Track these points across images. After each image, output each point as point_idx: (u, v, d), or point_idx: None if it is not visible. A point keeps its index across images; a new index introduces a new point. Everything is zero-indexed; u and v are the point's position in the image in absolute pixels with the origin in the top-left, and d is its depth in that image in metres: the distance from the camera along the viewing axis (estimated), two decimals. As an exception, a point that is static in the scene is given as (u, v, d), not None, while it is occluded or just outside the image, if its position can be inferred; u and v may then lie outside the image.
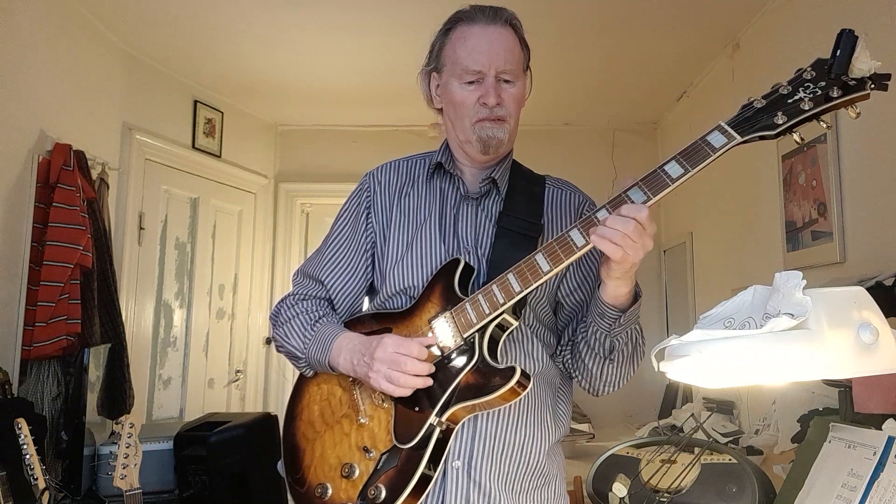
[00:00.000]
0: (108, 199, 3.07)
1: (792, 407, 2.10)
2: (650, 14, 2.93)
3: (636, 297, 1.16)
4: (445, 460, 1.15)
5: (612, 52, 3.35)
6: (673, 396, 3.49)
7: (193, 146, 3.82)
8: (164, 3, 2.89)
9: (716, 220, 3.49)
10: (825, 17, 2.30)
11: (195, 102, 3.84)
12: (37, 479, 1.74)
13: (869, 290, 0.88)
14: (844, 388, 1.33)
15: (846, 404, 1.32)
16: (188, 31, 3.16)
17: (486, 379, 1.11)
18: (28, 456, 1.76)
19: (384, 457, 1.15)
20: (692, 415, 2.75)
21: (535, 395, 1.24)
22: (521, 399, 1.17)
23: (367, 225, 1.33)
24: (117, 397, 2.87)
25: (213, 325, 3.96)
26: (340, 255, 1.34)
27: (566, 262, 1.07)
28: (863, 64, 0.93)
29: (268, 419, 2.95)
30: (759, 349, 0.84)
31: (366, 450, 1.17)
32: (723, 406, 2.68)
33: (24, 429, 1.77)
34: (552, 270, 1.07)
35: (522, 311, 1.21)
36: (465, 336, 1.14)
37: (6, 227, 2.46)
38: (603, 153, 4.33)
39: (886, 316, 0.86)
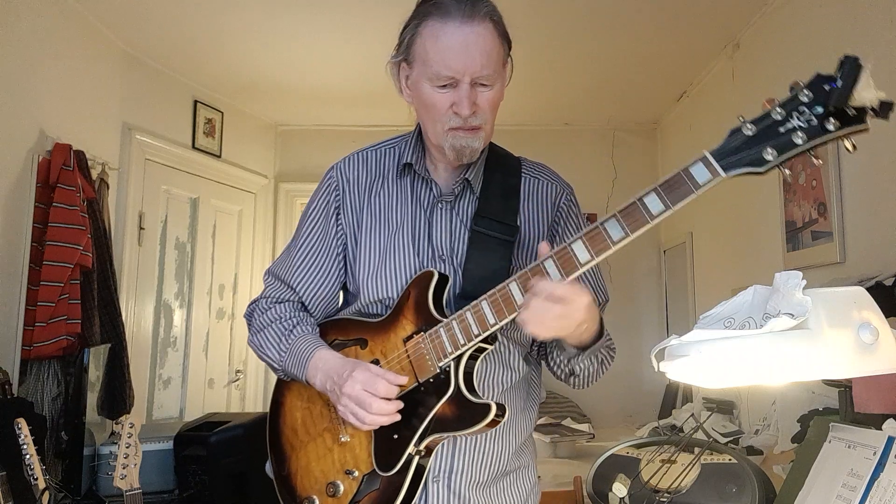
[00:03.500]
0: (108, 199, 3.07)
1: (792, 407, 2.10)
2: (650, 14, 2.93)
3: (599, 332, 1.13)
4: (426, 475, 1.16)
5: (613, 52, 3.35)
6: (673, 396, 3.49)
7: (193, 146, 3.82)
8: (164, 4, 2.89)
9: (716, 220, 3.49)
10: (825, 17, 2.30)
11: (195, 102, 3.84)
12: (37, 479, 1.74)
13: (869, 290, 0.88)
14: (844, 388, 1.33)
15: (846, 404, 1.31)
16: (188, 31, 3.16)
17: (461, 412, 1.09)
18: (28, 456, 1.75)
19: (366, 478, 1.16)
20: (692, 415, 2.75)
21: (512, 406, 1.23)
22: None
23: (337, 227, 1.29)
24: (117, 397, 2.87)
25: (213, 325, 3.96)
26: (311, 260, 1.30)
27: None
28: (866, 94, 0.83)
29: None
30: (759, 349, 0.84)
31: (348, 472, 1.19)
32: (723, 406, 2.68)
33: (24, 429, 1.77)
34: None
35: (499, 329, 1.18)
36: (440, 365, 1.11)
37: (6, 227, 2.46)
38: (603, 153, 4.33)
39: (886, 316, 0.86)
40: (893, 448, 1.03)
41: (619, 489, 1.72)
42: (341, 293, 1.36)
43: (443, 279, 1.16)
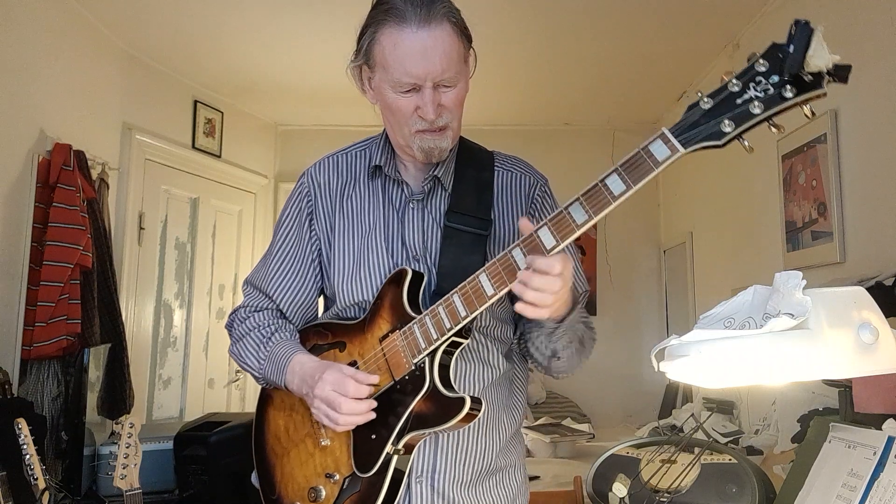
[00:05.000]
0: (108, 199, 3.07)
1: (792, 407, 2.10)
2: (650, 14, 2.93)
3: (574, 303, 1.13)
4: (409, 475, 1.15)
5: (612, 52, 3.35)
6: (673, 396, 3.49)
7: (193, 146, 3.82)
8: (164, 4, 2.89)
9: (716, 220, 3.49)
10: (825, 18, 2.30)
11: (195, 102, 3.84)
12: (37, 479, 1.74)
13: (869, 290, 0.87)
14: (844, 388, 1.33)
15: (846, 404, 1.32)
16: (188, 31, 3.16)
17: (437, 407, 1.09)
18: (28, 456, 1.76)
19: (347, 480, 1.16)
20: (692, 415, 2.75)
21: (492, 401, 1.23)
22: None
23: (310, 233, 1.29)
24: (117, 397, 2.87)
25: (213, 325, 3.96)
26: (286, 268, 1.29)
27: (510, 286, 1.02)
28: (819, 59, 0.82)
29: (268, 419, 2.95)
30: (759, 349, 0.84)
31: (329, 475, 1.18)
32: (723, 406, 2.68)
33: (24, 429, 1.77)
34: (496, 294, 1.04)
35: (473, 324, 1.17)
36: (415, 362, 1.11)
37: (6, 227, 2.46)
38: (603, 153, 4.33)
39: (886, 316, 0.86)
40: (893, 448, 1.03)
41: (619, 489, 1.72)
42: (321, 300, 1.36)
43: (417, 277, 1.17)
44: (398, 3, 1.10)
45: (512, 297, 1.26)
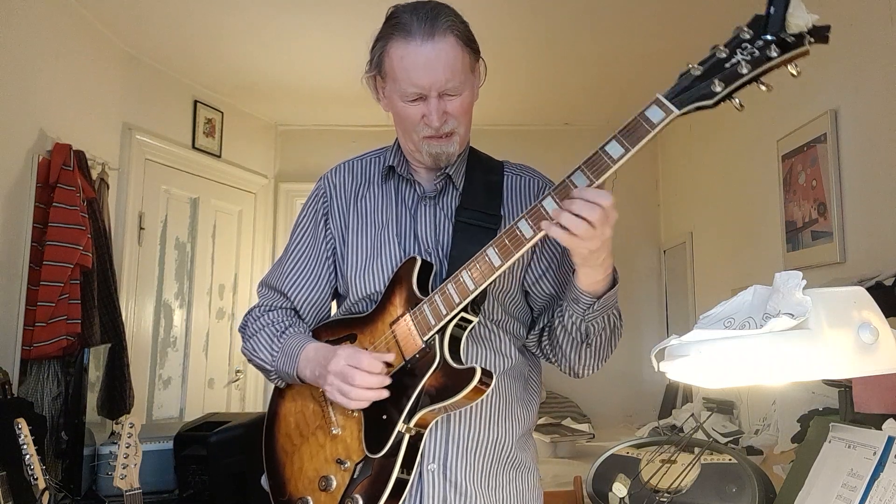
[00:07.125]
0: (108, 199, 3.07)
1: (792, 407, 2.10)
2: (650, 14, 2.93)
3: (614, 282, 1.17)
4: (420, 463, 1.16)
5: (613, 52, 3.35)
6: (673, 396, 3.49)
7: (193, 146, 3.82)
8: (164, 4, 2.89)
9: (716, 220, 3.49)
10: (825, 17, 2.29)
11: (195, 102, 3.84)
12: (37, 479, 1.74)
13: (869, 290, 0.87)
14: (844, 388, 1.33)
15: (846, 404, 1.32)
16: (188, 31, 3.16)
17: (448, 381, 1.11)
18: (28, 456, 1.75)
19: (358, 466, 1.16)
20: (692, 415, 2.75)
21: (505, 391, 1.25)
22: (491, 396, 1.19)
23: (326, 232, 1.34)
24: (117, 397, 2.87)
25: (213, 325, 3.96)
26: (302, 266, 1.34)
27: (517, 255, 1.07)
28: (798, 19, 0.88)
29: (268, 419, 2.95)
30: (759, 349, 0.84)
31: (340, 461, 1.19)
32: (723, 406, 2.68)
33: (24, 429, 1.77)
34: (504, 265, 1.07)
35: (485, 306, 1.21)
36: (425, 339, 1.14)
37: (6, 227, 2.46)
38: (603, 153, 4.32)
39: (886, 316, 0.86)
40: (893, 448, 1.03)
41: (619, 489, 1.73)
42: (334, 304, 1.39)
43: (426, 265, 1.20)
44: (405, 17, 1.18)
45: (525, 295, 1.29)
